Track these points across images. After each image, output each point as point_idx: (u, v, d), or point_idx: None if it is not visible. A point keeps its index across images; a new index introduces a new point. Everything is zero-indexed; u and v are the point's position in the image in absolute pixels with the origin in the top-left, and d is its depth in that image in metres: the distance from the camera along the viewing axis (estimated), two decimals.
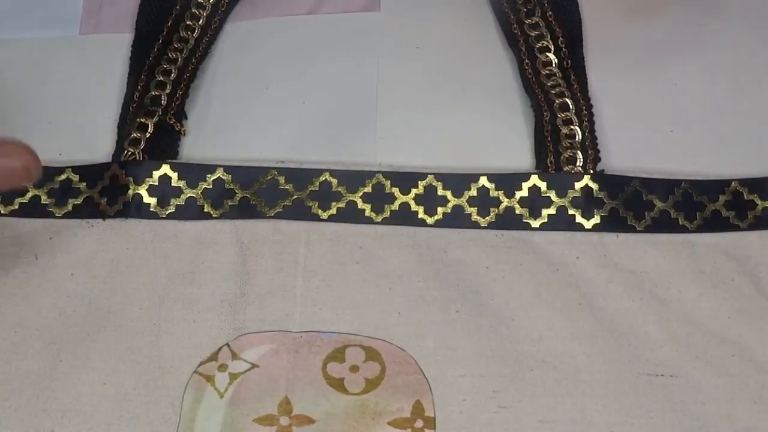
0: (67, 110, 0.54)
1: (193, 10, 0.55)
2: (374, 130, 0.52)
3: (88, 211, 0.48)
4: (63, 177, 0.49)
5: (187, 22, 0.55)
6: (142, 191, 0.48)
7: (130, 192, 0.48)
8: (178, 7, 0.55)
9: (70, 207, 0.48)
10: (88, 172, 0.49)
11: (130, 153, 0.50)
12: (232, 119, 0.53)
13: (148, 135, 0.50)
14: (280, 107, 0.53)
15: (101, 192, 0.49)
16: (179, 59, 0.53)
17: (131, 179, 0.48)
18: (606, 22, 0.55)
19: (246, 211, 0.48)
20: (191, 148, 0.52)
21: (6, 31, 0.57)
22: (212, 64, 0.55)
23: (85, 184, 0.49)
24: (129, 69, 0.53)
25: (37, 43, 0.57)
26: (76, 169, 0.50)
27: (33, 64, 0.56)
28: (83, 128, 0.52)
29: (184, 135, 0.52)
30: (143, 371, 0.44)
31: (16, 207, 0.49)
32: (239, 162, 0.49)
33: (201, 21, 0.55)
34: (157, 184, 0.49)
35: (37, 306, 0.46)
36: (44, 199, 0.49)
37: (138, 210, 0.48)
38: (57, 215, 0.48)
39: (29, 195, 0.49)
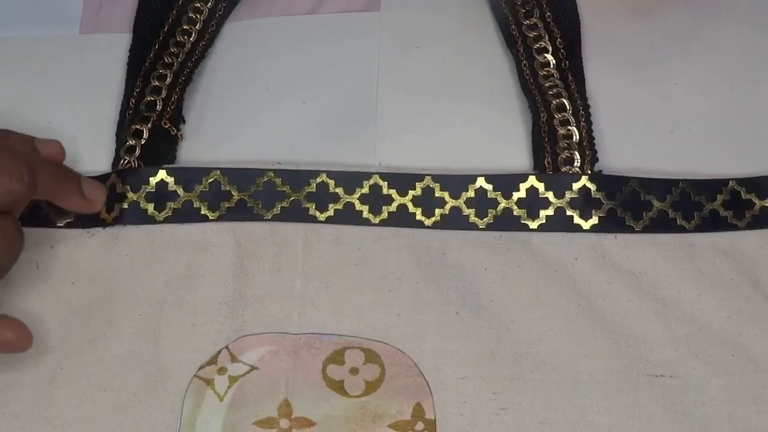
0: (67, 110, 0.54)
1: (190, 15, 0.55)
2: (374, 130, 0.52)
3: (88, 220, 0.48)
4: None
5: (184, 27, 0.55)
6: (140, 198, 0.48)
7: (128, 200, 0.48)
8: (174, 11, 0.55)
9: (71, 217, 0.48)
10: None
11: (126, 161, 0.50)
12: (231, 119, 0.53)
13: (143, 141, 0.50)
14: (280, 107, 0.53)
15: None
16: (175, 63, 0.53)
17: (128, 187, 0.48)
18: (604, 22, 0.55)
19: (243, 213, 0.48)
20: (190, 150, 0.52)
21: (6, 31, 0.57)
22: (211, 64, 0.55)
23: None
24: (126, 75, 0.53)
25: (37, 42, 0.57)
26: None
27: (33, 63, 0.56)
28: (83, 128, 0.52)
29: (181, 140, 0.52)
30: (144, 377, 0.44)
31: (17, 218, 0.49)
32: (236, 164, 0.49)
33: (198, 25, 0.55)
34: (153, 190, 0.48)
35: (38, 314, 0.46)
36: (45, 209, 0.48)
37: (135, 216, 0.48)
38: (58, 225, 0.48)
39: (30, 206, 0.48)
